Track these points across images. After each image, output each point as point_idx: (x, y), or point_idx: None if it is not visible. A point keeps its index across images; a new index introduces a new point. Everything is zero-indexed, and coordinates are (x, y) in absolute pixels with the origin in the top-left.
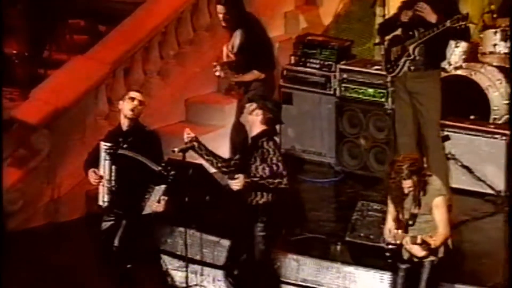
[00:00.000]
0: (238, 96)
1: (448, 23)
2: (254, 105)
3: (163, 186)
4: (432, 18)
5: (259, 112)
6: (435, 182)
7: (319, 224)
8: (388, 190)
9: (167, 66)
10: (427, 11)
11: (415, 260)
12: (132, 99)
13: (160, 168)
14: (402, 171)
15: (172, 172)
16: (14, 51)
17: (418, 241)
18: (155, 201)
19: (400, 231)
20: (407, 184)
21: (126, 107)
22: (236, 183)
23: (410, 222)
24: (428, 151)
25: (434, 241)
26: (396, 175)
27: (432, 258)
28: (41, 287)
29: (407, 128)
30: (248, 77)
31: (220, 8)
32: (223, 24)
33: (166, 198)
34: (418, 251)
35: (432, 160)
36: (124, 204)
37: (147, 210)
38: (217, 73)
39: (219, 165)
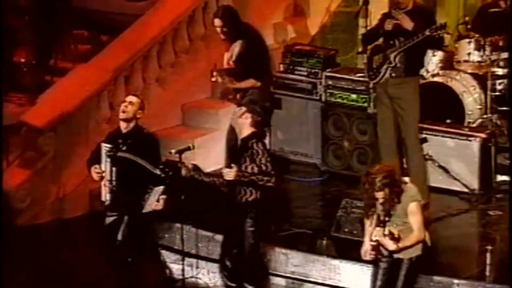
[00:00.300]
0: (236, 101)
1: (427, 32)
2: (244, 109)
3: (161, 187)
4: (409, 25)
5: (248, 115)
6: (410, 189)
7: (306, 220)
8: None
9: (165, 73)
10: (405, 19)
11: (395, 257)
12: (124, 101)
13: (158, 170)
14: (375, 184)
15: (170, 174)
16: (23, 60)
17: (386, 232)
18: (154, 201)
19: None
20: (380, 195)
21: (121, 108)
22: (229, 173)
23: (381, 225)
24: (407, 152)
25: (401, 244)
26: (369, 186)
27: (411, 255)
28: (47, 280)
29: (388, 131)
30: (245, 84)
31: (217, 21)
32: (222, 36)
33: (164, 197)
34: (389, 244)
35: (411, 160)
36: (125, 203)
37: (147, 209)
38: (213, 79)
39: (220, 180)
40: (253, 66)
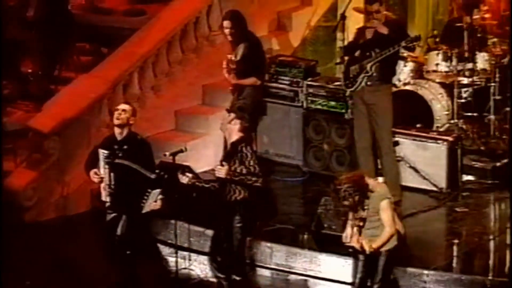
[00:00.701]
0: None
1: (403, 43)
2: (233, 115)
3: (158, 190)
4: (384, 30)
5: (237, 121)
6: (380, 188)
7: (289, 216)
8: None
9: (160, 82)
10: (380, 25)
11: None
12: (117, 109)
13: (154, 175)
14: (340, 193)
15: (165, 177)
16: (30, 70)
17: (365, 247)
18: (153, 202)
19: (355, 237)
20: (345, 203)
21: (115, 115)
22: (221, 170)
23: (361, 224)
24: (382, 154)
25: (372, 246)
26: (335, 193)
27: (388, 247)
28: (52, 272)
29: (364, 134)
30: (249, 81)
31: (226, 23)
32: (229, 38)
33: (161, 197)
34: (367, 249)
35: (385, 161)
36: (124, 204)
37: (146, 210)
38: (226, 75)
39: (216, 185)
40: (255, 66)
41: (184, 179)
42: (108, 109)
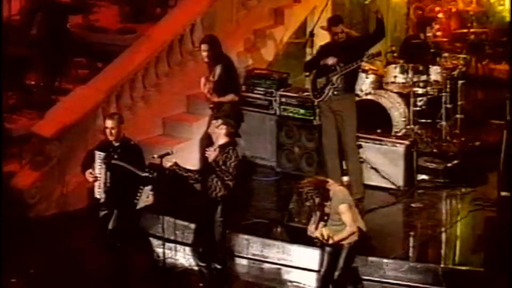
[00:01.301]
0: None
1: (365, 59)
2: (220, 121)
3: (149, 187)
4: (332, 61)
5: (224, 127)
6: (339, 193)
7: (264, 211)
8: None
9: (149, 93)
10: (342, 35)
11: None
12: (107, 127)
13: (145, 173)
14: (302, 194)
15: (155, 175)
16: (33, 82)
17: (325, 237)
18: (145, 198)
19: (318, 230)
20: (307, 204)
21: (107, 132)
22: (211, 153)
23: (325, 218)
24: (347, 156)
25: (334, 238)
26: (299, 195)
27: (349, 241)
28: (53, 261)
29: (331, 139)
30: (227, 98)
31: (204, 46)
32: (206, 60)
33: (152, 193)
34: (326, 237)
35: (350, 163)
36: (117, 200)
37: (140, 205)
38: (207, 95)
39: (196, 176)
40: (231, 84)
41: (167, 164)
42: (103, 116)
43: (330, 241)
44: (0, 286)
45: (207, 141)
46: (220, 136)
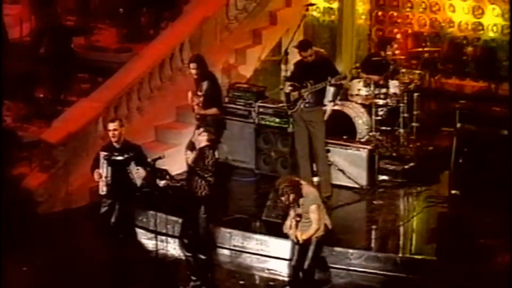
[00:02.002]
0: (197, 125)
1: (332, 81)
2: (202, 129)
3: (133, 165)
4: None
5: (205, 134)
6: (310, 194)
7: (244, 208)
8: None
9: (143, 104)
10: (312, 57)
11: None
12: (109, 130)
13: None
14: (279, 190)
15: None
16: (41, 95)
17: (298, 238)
18: (136, 174)
19: (292, 230)
20: (283, 199)
21: (110, 134)
22: (190, 156)
23: (298, 219)
24: (317, 159)
25: (302, 237)
26: (275, 192)
27: (317, 235)
28: (59, 253)
29: (303, 144)
30: (211, 111)
31: (192, 65)
32: (195, 76)
33: (137, 167)
34: (300, 239)
35: (320, 165)
36: (116, 192)
37: (139, 183)
38: (195, 107)
39: (184, 178)
40: (215, 99)
41: (161, 183)
42: (103, 125)
43: (300, 241)
44: (0, 283)
45: (191, 147)
46: (202, 142)
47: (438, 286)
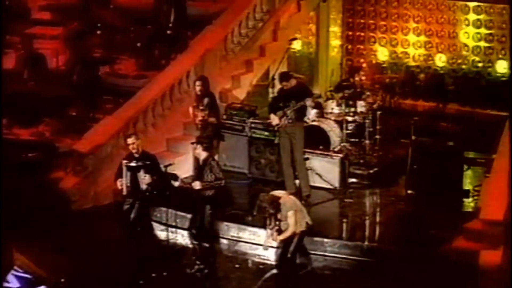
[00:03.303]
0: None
1: (309, 100)
2: (196, 143)
3: (142, 173)
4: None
5: (199, 146)
6: (288, 203)
7: (239, 206)
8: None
9: (156, 121)
10: (290, 84)
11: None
12: (128, 144)
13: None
14: (260, 207)
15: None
16: (74, 114)
17: (275, 239)
18: (143, 179)
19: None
20: (262, 213)
21: (130, 147)
22: (197, 185)
23: (277, 223)
24: (297, 166)
25: (281, 237)
26: (258, 206)
27: (298, 231)
28: (88, 240)
29: (286, 153)
30: (211, 120)
31: (198, 83)
32: (198, 93)
33: (145, 175)
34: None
35: (299, 171)
36: (135, 193)
37: (143, 187)
38: (199, 117)
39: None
40: (214, 112)
41: (175, 183)
42: (124, 137)
43: (277, 242)
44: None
45: (195, 164)
46: (201, 154)
47: (396, 268)
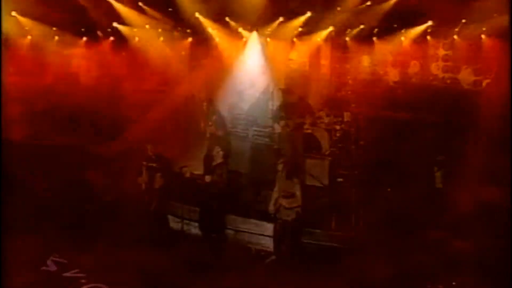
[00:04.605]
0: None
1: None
2: (219, 148)
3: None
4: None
5: (221, 152)
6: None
7: (244, 201)
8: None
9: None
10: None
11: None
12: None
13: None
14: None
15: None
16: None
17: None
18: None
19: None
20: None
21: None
22: (208, 178)
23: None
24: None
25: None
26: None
27: (290, 219)
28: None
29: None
30: (219, 132)
31: (205, 104)
32: (207, 111)
33: (160, 175)
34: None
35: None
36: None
37: (155, 186)
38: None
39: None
40: (221, 125)
41: (186, 172)
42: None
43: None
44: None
45: (207, 159)
46: (218, 158)
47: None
